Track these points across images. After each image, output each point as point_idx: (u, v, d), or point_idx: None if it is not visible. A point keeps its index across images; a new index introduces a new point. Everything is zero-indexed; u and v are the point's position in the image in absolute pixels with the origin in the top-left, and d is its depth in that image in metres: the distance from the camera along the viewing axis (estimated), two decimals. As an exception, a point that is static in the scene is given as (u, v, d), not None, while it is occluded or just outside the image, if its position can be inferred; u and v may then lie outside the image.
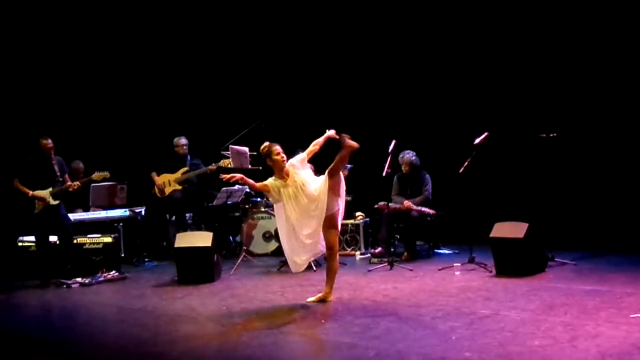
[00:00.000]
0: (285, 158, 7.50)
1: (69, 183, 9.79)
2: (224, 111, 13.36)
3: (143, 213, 11.49)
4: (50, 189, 9.64)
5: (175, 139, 11.48)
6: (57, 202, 9.69)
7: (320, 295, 7.66)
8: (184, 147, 11.43)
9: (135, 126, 13.12)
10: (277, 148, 7.52)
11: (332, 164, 7.38)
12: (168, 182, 11.30)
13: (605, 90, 10.72)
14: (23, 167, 9.70)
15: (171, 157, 11.45)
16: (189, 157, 11.46)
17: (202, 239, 9.35)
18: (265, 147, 7.59)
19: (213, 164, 11.08)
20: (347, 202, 11.70)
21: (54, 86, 12.62)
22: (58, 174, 9.73)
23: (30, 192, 9.56)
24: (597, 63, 10.72)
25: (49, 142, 9.65)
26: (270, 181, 7.48)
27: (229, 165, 10.93)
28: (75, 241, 10.00)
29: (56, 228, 9.74)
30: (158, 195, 11.32)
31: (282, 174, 7.45)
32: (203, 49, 13.55)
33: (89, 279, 9.62)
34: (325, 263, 7.89)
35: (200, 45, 13.53)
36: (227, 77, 13.61)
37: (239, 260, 10.26)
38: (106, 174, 9.95)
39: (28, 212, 9.64)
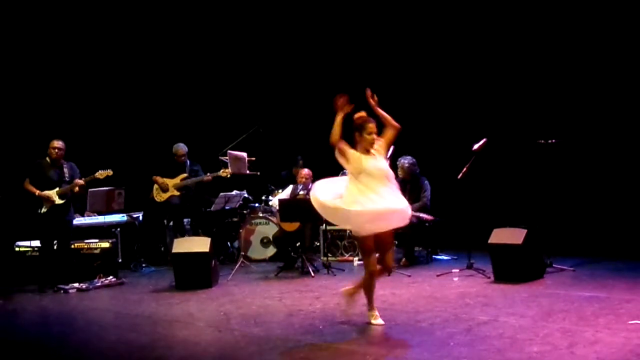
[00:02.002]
0: (376, 139, 6.68)
1: (74, 182, 9.76)
2: (223, 117, 13.37)
3: (141, 218, 11.48)
4: (57, 188, 9.62)
5: (174, 147, 11.42)
6: (63, 201, 9.65)
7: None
8: (182, 158, 11.36)
9: (133, 131, 13.10)
10: (372, 126, 6.68)
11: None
12: (167, 186, 11.27)
13: (602, 97, 10.75)
14: (33, 168, 9.71)
15: (171, 163, 11.42)
16: (188, 162, 11.42)
17: (200, 244, 9.33)
18: (361, 118, 6.71)
19: (209, 174, 11.08)
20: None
21: (53, 91, 12.61)
22: (67, 177, 9.71)
23: (37, 192, 9.56)
24: (595, 70, 10.76)
25: (55, 143, 9.62)
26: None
27: (227, 176, 10.94)
28: (72, 246, 9.98)
29: (59, 231, 9.69)
30: (159, 196, 11.27)
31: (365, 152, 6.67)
32: (202, 54, 13.56)
33: (87, 284, 9.59)
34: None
35: (199, 51, 13.53)
36: (226, 83, 13.62)
37: (237, 266, 10.25)
38: (109, 172, 9.89)
39: (33, 213, 9.60)
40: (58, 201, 9.63)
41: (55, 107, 12.51)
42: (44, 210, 9.57)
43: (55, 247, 9.71)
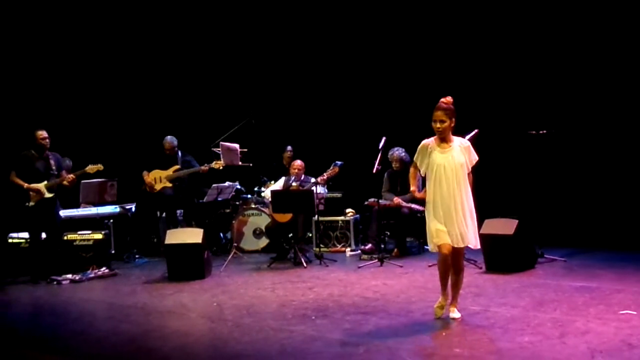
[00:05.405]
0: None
1: (64, 176, 9.77)
2: (215, 108, 13.35)
3: (133, 209, 11.46)
4: (46, 182, 9.62)
5: (163, 141, 11.35)
6: (51, 195, 9.66)
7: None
8: (172, 150, 11.29)
9: (126, 123, 13.06)
10: (438, 114, 6.79)
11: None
12: (159, 178, 11.24)
13: (593, 87, 10.76)
14: (19, 160, 9.67)
15: (163, 154, 11.37)
16: (180, 153, 11.38)
17: (193, 235, 9.35)
18: (450, 102, 6.91)
19: (206, 165, 11.06)
20: (337, 199, 11.80)
21: (45, 83, 12.55)
22: (54, 168, 9.71)
23: (26, 185, 9.55)
24: (586, 61, 10.77)
25: (44, 133, 9.62)
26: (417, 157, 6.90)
27: (220, 168, 10.93)
28: (65, 238, 9.98)
29: (47, 224, 9.70)
30: (148, 190, 11.26)
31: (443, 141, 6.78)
32: (194, 46, 13.51)
33: (80, 276, 9.59)
34: None
35: (191, 43, 13.48)
36: (218, 74, 13.59)
37: (230, 257, 10.27)
38: (99, 166, 9.91)
39: (21, 205, 9.59)
40: (47, 195, 9.63)
41: (49, 99, 12.47)
42: (31, 203, 9.57)
43: (44, 238, 9.71)
